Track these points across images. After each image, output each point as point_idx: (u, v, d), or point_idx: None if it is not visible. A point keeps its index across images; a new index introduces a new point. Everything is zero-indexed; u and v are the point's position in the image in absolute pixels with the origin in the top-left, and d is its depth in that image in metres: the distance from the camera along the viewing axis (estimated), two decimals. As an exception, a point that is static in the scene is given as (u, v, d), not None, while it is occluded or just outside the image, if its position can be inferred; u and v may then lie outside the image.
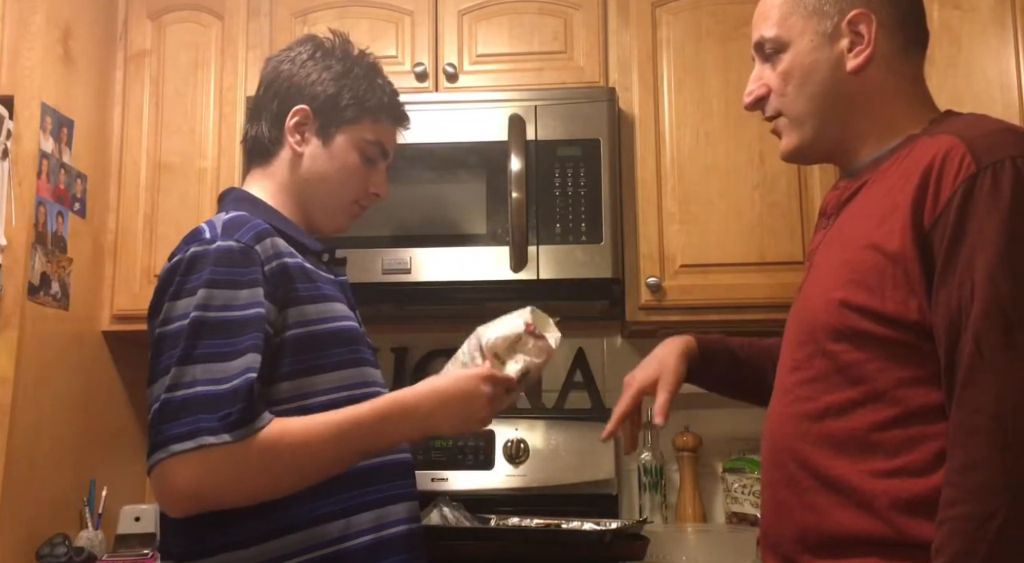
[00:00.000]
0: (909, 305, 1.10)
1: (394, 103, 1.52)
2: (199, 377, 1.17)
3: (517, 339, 1.42)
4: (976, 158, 1.08)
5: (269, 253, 1.29)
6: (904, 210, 1.11)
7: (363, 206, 1.52)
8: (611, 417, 1.56)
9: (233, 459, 1.17)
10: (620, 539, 1.77)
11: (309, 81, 1.46)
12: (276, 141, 1.46)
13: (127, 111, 2.35)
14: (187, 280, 1.23)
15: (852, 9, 1.24)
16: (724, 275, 2.15)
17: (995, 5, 1.89)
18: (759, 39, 1.31)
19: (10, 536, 1.92)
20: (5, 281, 1.95)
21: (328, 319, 1.33)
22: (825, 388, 1.16)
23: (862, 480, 1.11)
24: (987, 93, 1.88)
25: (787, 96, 1.28)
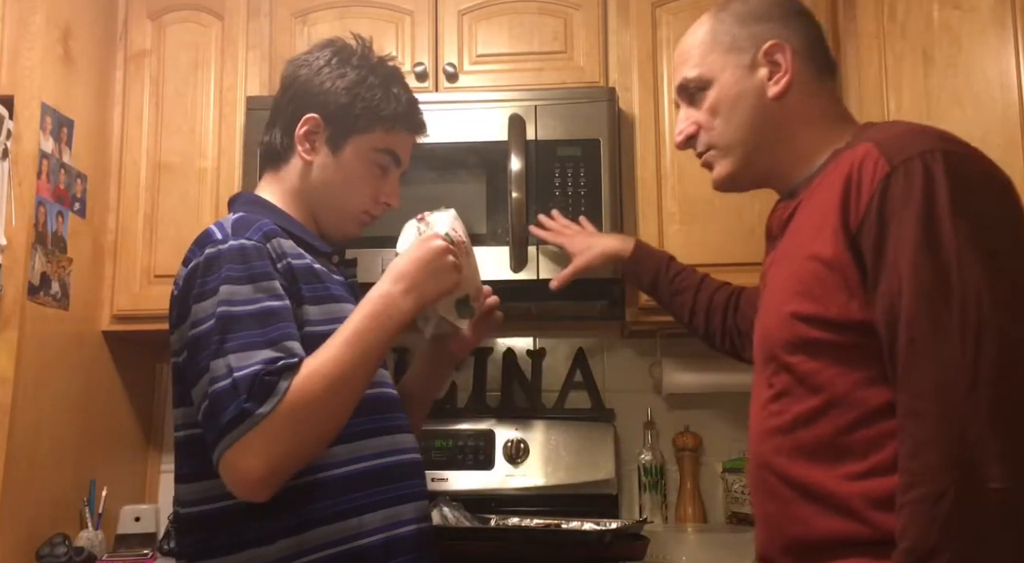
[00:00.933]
0: (851, 307, 1.15)
1: (410, 112, 1.51)
2: (234, 365, 1.20)
3: (417, 231, 1.48)
4: (888, 159, 1.14)
5: (277, 252, 1.32)
6: (833, 218, 1.17)
7: (373, 215, 1.52)
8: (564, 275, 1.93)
9: (283, 422, 1.18)
10: (620, 539, 1.77)
11: (323, 89, 1.45)
12: (287, 148, 1.47)
13: (127, 111, 2.35)
14: (207, 281, 1.26)
15: (766, 41, 1.33)
16: (724, 275, 2.13)
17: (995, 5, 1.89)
18: (682, 82, 1.39)
19: (10, 536, 1.92)
20: (5, 281, 1.95)
21: (334, 319, 1.33)
22: (791, 400, 1.21)
23: (838, 485, 1.14)
24: (987, 93, 1.88)
25: (716, 129, 1.36)
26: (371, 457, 1.33)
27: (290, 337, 1.24)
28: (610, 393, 2.48)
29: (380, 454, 1.35)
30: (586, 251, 1.90)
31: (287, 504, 1.24)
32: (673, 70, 1.43)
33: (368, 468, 1.31)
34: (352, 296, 1.44)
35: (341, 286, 1.43)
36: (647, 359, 2.47)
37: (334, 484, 1.27)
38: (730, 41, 1.35)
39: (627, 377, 2.50)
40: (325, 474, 1.28)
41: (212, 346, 1.22)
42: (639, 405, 2.45)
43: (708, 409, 2.44)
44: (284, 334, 1.24)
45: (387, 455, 1.36)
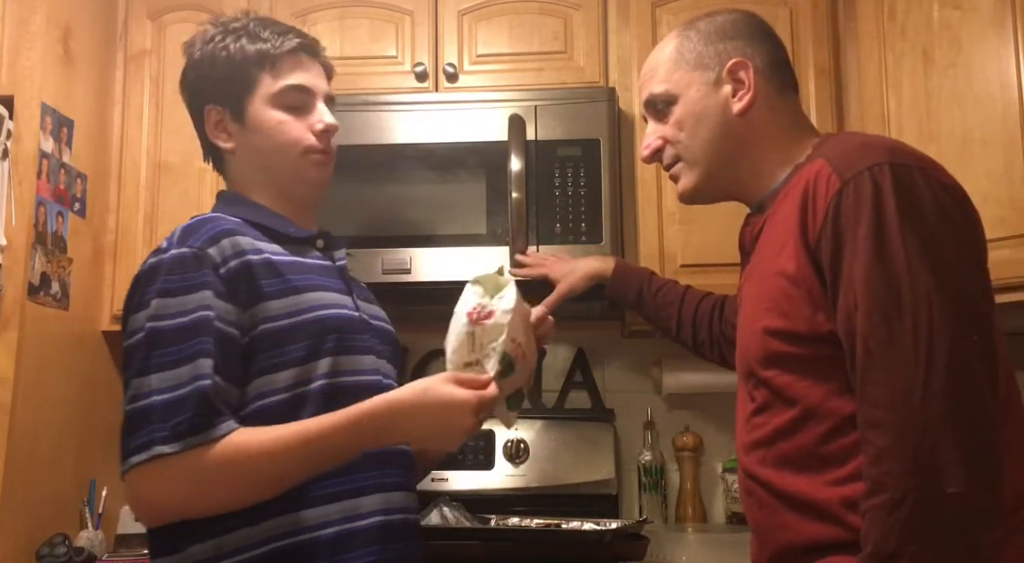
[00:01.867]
0: (817, 319, 1.18)
1: (280, 39, 1.42)
2: (155, 386, 1.18)
3: (471, 337, 1.29)
4: (839, 175, 1.17)
5: (227, 253, 1.28)
6: (794, 234, 1.20)
7: (319, 149, 1.42)
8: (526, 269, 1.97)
9: (187, 468, 1.17)
10: (620, 539, 1.77)
11: (200, 80, 1.43)
12: (214, 149, 1.45)
13: (127, 111, 2.36)
14: (145, 292, 1.25)
15: (730, 59, 1.36)
16: (724, 275, 2.14)
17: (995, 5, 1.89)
18: (649, 97, 1.42)
19: (10, 536, 1.92)
20: (5, 281, 1.95)
21: (297, 312, 1.29)
22: (771, 414, 1.23)
23: (820, 491, 1.16)
24: (987, 93, 1.88)
25: (682, 142, 1.39)
26: None
27: (207, 354, 1.20)
28: (610, 393, 2.48)
29: None
30: (568, 275, 1.90)
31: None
32: (639, 86, 1.47)
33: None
34: (339, 281, 1.41)
35: (322, 273, 1.38)
36: (647, 359, 2.46)
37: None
38: (696, 58, 1.38)
39: (627, 377, 2.50)
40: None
41: (136, 363, 1.21)
42: (639, 405, 2.45)
43: (708, 409, 2.44)
44: (202, 351, 1.20)
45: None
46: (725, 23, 1.40)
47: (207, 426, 1.17)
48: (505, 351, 1.27)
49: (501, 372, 1.26)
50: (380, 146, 2.17)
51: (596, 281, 1.89)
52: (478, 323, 1.28)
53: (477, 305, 1.30)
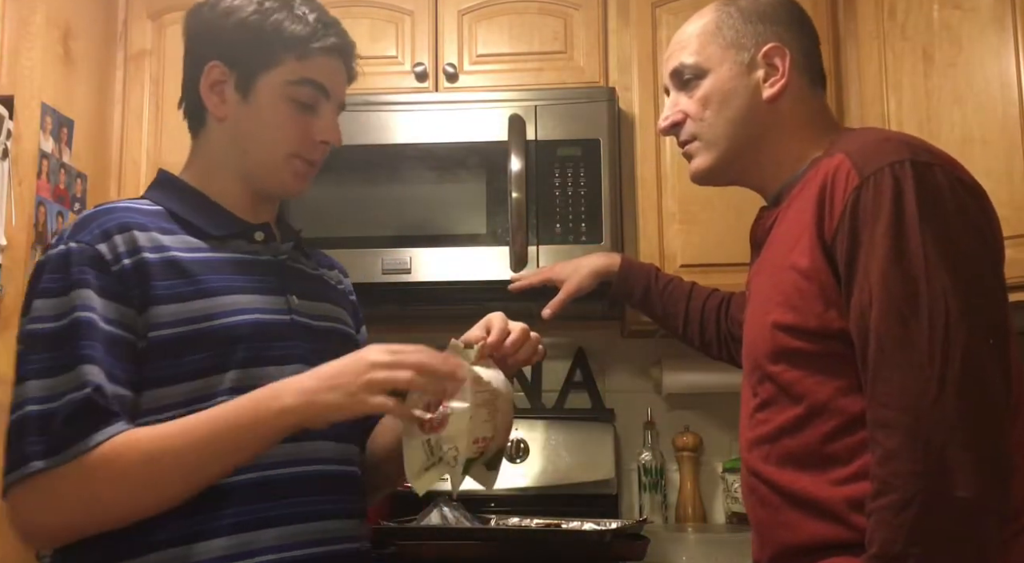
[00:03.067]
0: (829, 316, 1.16)
1: (323, 31, 1.27)
2: (29, 394, 1.08)
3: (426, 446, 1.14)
4: (859, 170, 1.15)
5: (120, 250, 1.15)
6: (810, 229, 1.18)
7: (309, 159, 1.29)
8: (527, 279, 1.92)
9: (68, 483, 1.05)
10: (620, 539, 1.77)
11: (217, 30, 1.27)
12: (200, 108, 1.29)
13: (127, 111, 2.36)
14: (30, 292, 1.15)
15: (767, 43, 1.33)
16: (724, 275, 2.14)
17: (995, 5, 1.89)
18: (677, 66, 1.37)
19: (10, 536, 1.91)
20: (5, 281, 1.95)
21: (198, 318, 1.15)
22: (776, 410, 1.22)
23: (824, 490, 1.15)
24: (987, 93, 1.88)
25: (705, 120, 1.35)
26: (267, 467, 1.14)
27: (88, 360, 1.08)
28: (610, 393, 2.48)
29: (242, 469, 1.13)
30: (574, 274, 1.85)
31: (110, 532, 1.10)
32: (668, 54, 1.41)
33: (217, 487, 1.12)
34: (273, 277, 1.26)
35: (244, 271, 1.23)
36: (647, 359, 2.46)
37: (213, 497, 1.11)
38: (733, 36, 1.34)
39: (627, 377, 2.50)
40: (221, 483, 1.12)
41: (19, 368, 1.11)
42: (639, 405, 2.45)
43: (708, 409, 2.44)
44: (79, 356, 1.08)
45: (249, 471, 1.13)
46: (767, 5, 1.36)
47: (87, 433, 1.05)
48: (469, 457, 1.14)
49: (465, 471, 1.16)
50: (380, 146, 2.17)
51: (603, 278, 1.85)
52: (429, 433, 1.13)
53: (423, 407, 1.13)
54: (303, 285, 1.31)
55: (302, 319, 1.25)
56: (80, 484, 1.06)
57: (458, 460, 1.13)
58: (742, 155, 1.35)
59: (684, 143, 1.40)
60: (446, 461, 1.13)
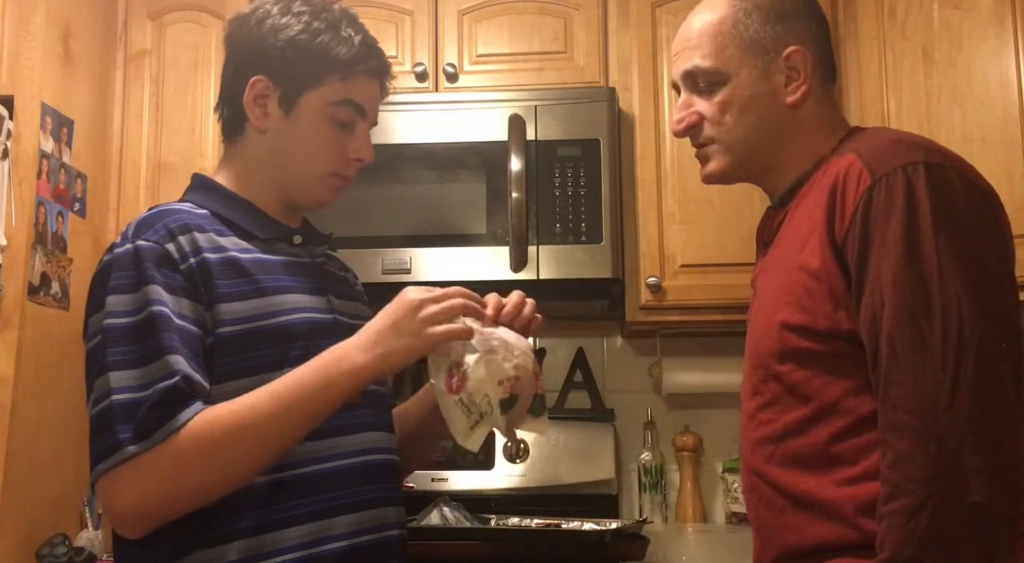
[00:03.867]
0: (837, 317, 1.15)
1: (366, 54, 1.32)
2: (115, 385, 1.12)
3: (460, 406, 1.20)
4: (871, 171, 1.14)
5: (185, 250, 1.20)
6: (820, 229, 1.17)
7: (345, 176, 1.35)
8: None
9: (161, 464, 1.09)
10: (620, 539, 1.77)
11: (265, 45, 1.30)
12: (240, 118, 1.33)
13: (127, 111, 2.36)
14: (101, 292, 1.18)
15: (788, 46, 1.28)
16: (724, 275, 2.14)
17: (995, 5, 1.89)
18: (691, 69, 1.31)
19: (10, 536, 1.92)
20: (5, 281, 1.95)
21: (260, 316, 1.21)
22: (781, 409, 1.20)
23: (829, 491, 1.14)
24: (987, 93, 1.88)
25: (724, 125, 1.30)
26: (298, 465, 1.19)
27: (167, 351, 1.13)
28: (610, 393, 2.48)
29: (314, 460, 1.20)
30: None
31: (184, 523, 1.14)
32: (677, 51, 1.34)
33: (283, 480, 1.18)
34: (314, 279, 1.32)
35: (291, 272, 1.29)
36: (647, 359, 2.46)
37: (255, 494, 1.16)
38: (752, 38, 1.29)
39: (627, 377, 2.50)
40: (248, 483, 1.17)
41: (96, 363, 1.15)
42: (639, 405, 2.45)
43: (708, 409, 2.44)
44: (162, 347, 1.13)
45: (320, 461, 1.21)
46: (786, 3, 1.31)
47: (171, 416, 1.10)
48: (501, 399, 1.19)
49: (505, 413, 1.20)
50: (380, 146, 2.13)
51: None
52: (458, 392, 1.20)
53: (446, 374, 1.21)
54: (337, 286, 1.38)
55: (343, 318, 1.31)
56: (172, 463, 1.10)
57: (492, 406, 1.17)
58: (757, 158, 1.32)
59: (700, 145, 1.35)
60: (484, 412, 1.18)
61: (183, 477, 1.11)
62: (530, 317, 1.32)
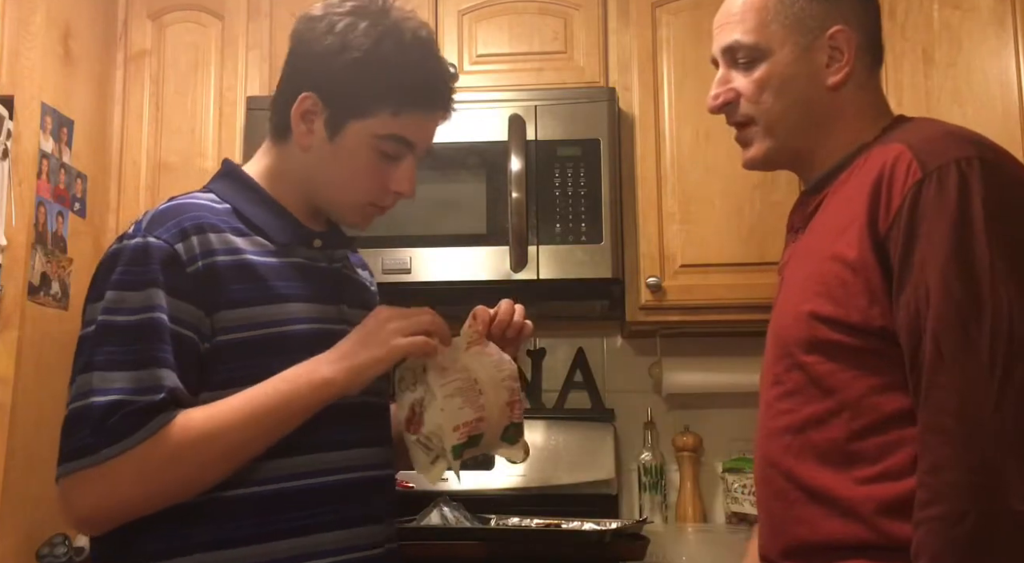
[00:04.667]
0: (872, 312, 1.11)
1: (425, 88, 1.25)
2: (95, 386, 1.09)
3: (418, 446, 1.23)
4: (921, 164, 1.10)
5: (195, 252, 1.17)
6: (860, 219, 1.13)
7: (382, 206, 1.30)
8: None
9: (129, 469, 1.08)
10: (620, 539, 1.77)
11: (322, 62, 1.24)
12: (285, 127, 1.27)
13: (127, 111, 2.36)
14: (103, 282, 1.15)
15: (833, 25, 1.25)
16: (724, 275, 2.15)
17: (995, 5, 1.90)
18: (732, 43, 1.28)
19: (10, 536, 1.92)
20: (5, 281, 1.95)
21: (266, 323, 1.18)
22: (803, 400, 1.17)
23: (847, 488, 1.12)
24: (987, 93, 1.88)
25: (762, 104, 1.27)
26: (282, 480, 1.17)
27: (160, 363, 1.11)
28: (610, 393, 2.48)
29: (297, 476, 1.17)
30: None
31: (178, 525, 1.13)
32: (719, 25, 1.31)
33: (274, 492, 1.16)
34: (329, 286, 1.29)
35: (305, 278, 1.25)
36: (647, 359, 2.46)
37: (234, 510, 1.14)
38: (797, 15, 1.25)
39: (627, 377, 2.50)
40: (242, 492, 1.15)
41: (84, 356, 1.13)
42: (639, 405, 2.45)
43: (708, 409, 2.44)
44: (155, 357, 1.11)
45: (304, 477, 1.18)
46: None
47: (145, 423, 1.08)
48: (454, 445, 1.18)
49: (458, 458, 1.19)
50: (380, 146, 2.16)
51: None
52: (415, 432, 1.21)
53: (408, 411, 1.22)
54: (353, 293, 1.35)
55: (353, 327, 1.24)
56: (138, 469, 1.08)
57: (446, 450, 1.18)
58: (796, 142, 1.28)
59: (739, 125, 1.31)
60: (439, 452, 1.20)
61: (149, 484, 1.10)
62: (520, 324, 1.31)
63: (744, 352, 2.30)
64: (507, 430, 1.24)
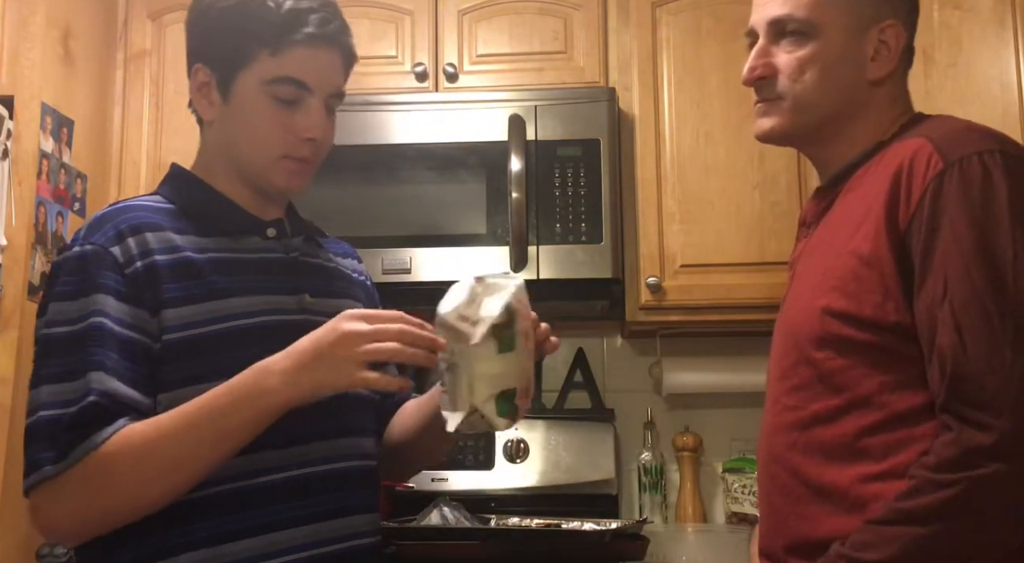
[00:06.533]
0: (886, 308, 1.11)
1: (296, 20, 1.19)
2: (44, 400, 1.11)
3: (472, 294, 1.16)
4: (943, 155, 1.09)
5: (132, 253, 1.15)
6: (878, 213, 1.12)
7: (299, 157, 1.24)
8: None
9: (75, 486, 1.08)
10: (620, 539, 1.77)
11: (198, 30, 1.25)
12: (195, 110, 1.28)
13: (127, 111, 2.36)
14: (47, 297, 1.16)
15: (887, 18, 1.24)
16: (724, 275, 2.15)
17: (995, 5, 1.89)
18: (783, 16, 1.24)
19: (10, 536, 1.92)
20: (5, 281, 1.95)
21: (213, 320, 1.15)
22: (810, 396, 1.17)
23: (853, 485, 1.11)
24: (987, 93, 1.88)
25: (801, 83, 1.24)
26: (261, 473, 1.15)
27: (98, 366, 1.09)
28: (610, 393, 2.48)
29: (278, 468, 1.16)
30: None
31: (144, 531, 1.12)
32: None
33: (230, 490, 1.13)
34: (286, 276, 1.25)
35: (258, 270, 1.22)
36: (647, 359, 2.46)
37: (214, 504, 1.13)
38: (854, 0, 1.23)
39: (627, 377, 2.50)
40: (200, 494, 1.13)
41: (34, 374, 1.14)
42: (639, 405, 2.45)
43: (708, 409, 2.44)
44: (90, 362, 1.09)
45: (284, 470, 1.16)
46: None
47: (87, 437, 1.07)
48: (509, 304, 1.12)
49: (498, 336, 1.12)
50: (380, 146, 2.17)
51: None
52: (480, 283, 1.15)
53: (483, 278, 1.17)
54: (318, 281, 1.30)
55: (316, 317, 1.18)
56: (85, 485, 1.08)
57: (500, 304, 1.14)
58: (822, 128, 1.26)
59: (765, 98, 1.28)
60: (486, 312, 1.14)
61: (97, 499, 1.09)
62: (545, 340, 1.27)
63: (744, 352, 2.30)
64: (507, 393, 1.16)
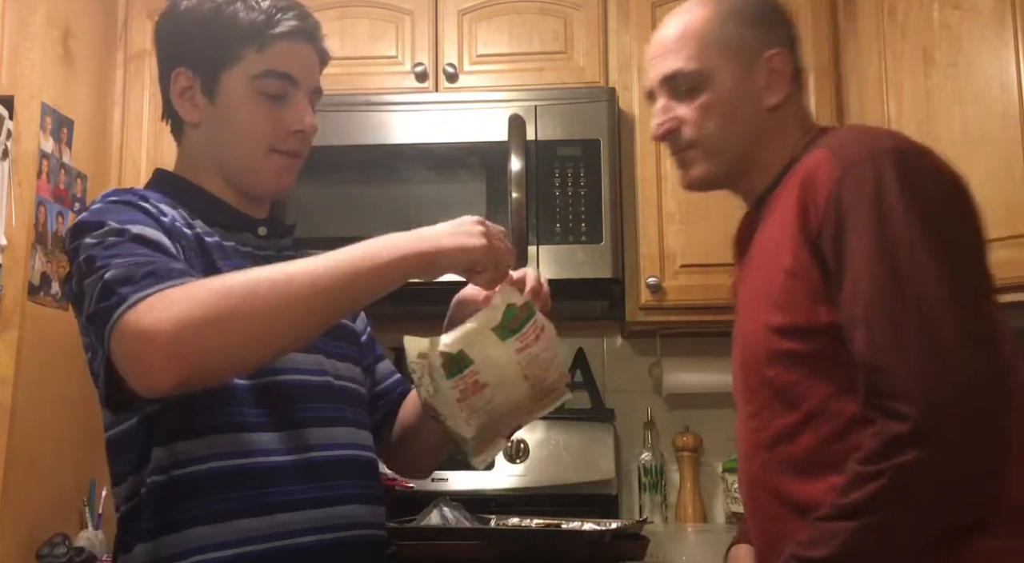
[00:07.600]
0: (818, 312, 1.14)
1: (277, 17, 1.22)
2: (115, 262, 1.04)
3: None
4: (840, 162, 1.14)
5: (161, 210, 1.16)
6: (793, 226, 1.16)
7: (287, 151, 1.26)
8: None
9: (200, 292, 0.99)
10: (620, 539, 1.77)
11: (177, 34, 1.25)
12: (176, 117, 1.28)
13: (127, 111, 2.36)
14: (81, 242, 1.10)
15: (770, 47, 1.29)
16: (724, 275, 2.12)
17: (995, 5, 1.89)
18: (673, 72, 1.30)
19: (10, 536, 1.92)
20: (5, 281, 1.95)
21: None
22: (772, 415, 1.19)
23: (827, 496, 1.11)
24: (987, 93, 1.88)
25: (706, 129, 1.29)
26: (261, 454, 1.14)
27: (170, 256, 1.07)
28: (610, 393, 2.48)
29: (278, 451, 1.15)
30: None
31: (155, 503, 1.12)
32: (655, 56, 1.34)
33: (255, 466, 1.13)
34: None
35: (255, 265, 1.19)
36: (647, 359, 2.47)
37: (213, 482, 1.12)
38: (737, 40, 1.29)
39: (627, 377, 2.50)
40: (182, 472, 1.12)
41: (92, 272, 1.05)
42: (639, 405, 2.45)
43: (708, 409, 2.44)
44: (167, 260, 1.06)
45: (284, 453, 1.15)
46: (761, 6, 1.32)
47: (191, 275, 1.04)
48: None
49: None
50: (380, 146, 2.17)
51: None
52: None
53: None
54: None
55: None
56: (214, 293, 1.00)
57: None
58: (739, 162, 1.32)
59: (680, 150, 1.33)
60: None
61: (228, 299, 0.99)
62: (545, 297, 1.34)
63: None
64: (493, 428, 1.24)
